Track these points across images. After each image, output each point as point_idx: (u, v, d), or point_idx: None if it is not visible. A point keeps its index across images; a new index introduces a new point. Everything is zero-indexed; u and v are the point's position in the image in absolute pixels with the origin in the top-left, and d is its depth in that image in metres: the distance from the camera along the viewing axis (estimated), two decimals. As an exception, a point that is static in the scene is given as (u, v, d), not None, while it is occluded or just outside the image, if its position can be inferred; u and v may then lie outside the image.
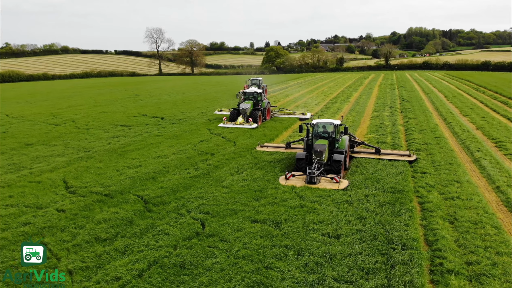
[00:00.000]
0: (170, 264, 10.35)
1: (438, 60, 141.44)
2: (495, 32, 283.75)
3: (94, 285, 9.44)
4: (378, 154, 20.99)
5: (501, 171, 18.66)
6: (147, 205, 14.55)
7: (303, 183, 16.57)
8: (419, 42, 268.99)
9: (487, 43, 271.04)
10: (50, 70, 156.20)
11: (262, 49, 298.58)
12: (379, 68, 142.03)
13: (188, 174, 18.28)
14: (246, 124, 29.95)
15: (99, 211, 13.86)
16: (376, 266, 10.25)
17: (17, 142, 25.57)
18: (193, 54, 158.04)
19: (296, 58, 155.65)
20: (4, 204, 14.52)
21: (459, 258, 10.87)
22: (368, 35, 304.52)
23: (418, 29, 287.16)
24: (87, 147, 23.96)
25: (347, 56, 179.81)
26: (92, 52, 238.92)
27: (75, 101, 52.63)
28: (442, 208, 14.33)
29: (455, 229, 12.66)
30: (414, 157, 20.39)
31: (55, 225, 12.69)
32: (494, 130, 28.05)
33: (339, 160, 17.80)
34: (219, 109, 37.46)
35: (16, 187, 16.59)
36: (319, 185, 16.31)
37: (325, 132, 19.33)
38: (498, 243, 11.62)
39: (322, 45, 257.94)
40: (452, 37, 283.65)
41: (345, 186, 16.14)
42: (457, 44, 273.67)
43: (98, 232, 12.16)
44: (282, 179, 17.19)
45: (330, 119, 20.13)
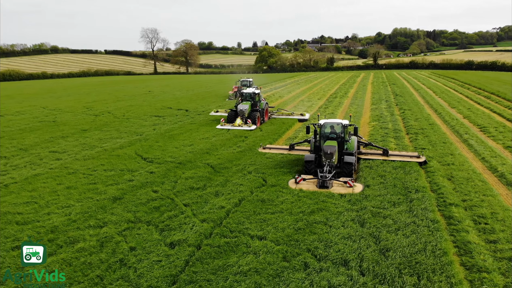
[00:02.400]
0: (254, 200, 14.59)
1: (424, 60, 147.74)
2: (477, 32, 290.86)
3: (209, 210, 13.62)
4: (386, 155, 20.36)
5: (485, 147, 23.16)
6: (214, 168, 18.74)
7: (314, 187, 15.86)
8: (404, 42, 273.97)
9: (470, 43, 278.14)
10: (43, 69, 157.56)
11: (250, 49, 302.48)
12: (368, 67, 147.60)
13: (234, 150, 22.50)
14: (245, 126, 29.18)
15: (181, 173, 18.01)
16: (399, 200, 14.58)
17: (73, 128, 29.49)
18: (188, 54, 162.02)
19: (288, 58, 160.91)
20: (102, 169, 18.60)
21: (456, 197, 15.24)
22: (354, 36, 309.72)
23: (403, 29, 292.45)
24: (137, 132, 28.04)
25: (336, 56, 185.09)
26: (82, 52, 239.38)
27: (96, 96, 56.57)
28: (441, 170, 18.71)
29: (452, 182, 17.04)
30: (423, 158, 19.77)
31: (153, 181, 16.84)
32: (479, 118, 32.71)
33: (350, 162, 17.29)
34: (215, 110, 36.21)
35: (100, 159, 20.62)
36: (331, 190, 15.54)
37: (333, 133, 18.60)
38: (484, 189, 16.00)
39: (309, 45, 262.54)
40: (436, 37, 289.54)
41: (360, 190, 15.53)
42: (441, 44, 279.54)
43: (190, 184, 16.37)
44: (292, 182, 16.43)
45: (338, 119, 19.43)
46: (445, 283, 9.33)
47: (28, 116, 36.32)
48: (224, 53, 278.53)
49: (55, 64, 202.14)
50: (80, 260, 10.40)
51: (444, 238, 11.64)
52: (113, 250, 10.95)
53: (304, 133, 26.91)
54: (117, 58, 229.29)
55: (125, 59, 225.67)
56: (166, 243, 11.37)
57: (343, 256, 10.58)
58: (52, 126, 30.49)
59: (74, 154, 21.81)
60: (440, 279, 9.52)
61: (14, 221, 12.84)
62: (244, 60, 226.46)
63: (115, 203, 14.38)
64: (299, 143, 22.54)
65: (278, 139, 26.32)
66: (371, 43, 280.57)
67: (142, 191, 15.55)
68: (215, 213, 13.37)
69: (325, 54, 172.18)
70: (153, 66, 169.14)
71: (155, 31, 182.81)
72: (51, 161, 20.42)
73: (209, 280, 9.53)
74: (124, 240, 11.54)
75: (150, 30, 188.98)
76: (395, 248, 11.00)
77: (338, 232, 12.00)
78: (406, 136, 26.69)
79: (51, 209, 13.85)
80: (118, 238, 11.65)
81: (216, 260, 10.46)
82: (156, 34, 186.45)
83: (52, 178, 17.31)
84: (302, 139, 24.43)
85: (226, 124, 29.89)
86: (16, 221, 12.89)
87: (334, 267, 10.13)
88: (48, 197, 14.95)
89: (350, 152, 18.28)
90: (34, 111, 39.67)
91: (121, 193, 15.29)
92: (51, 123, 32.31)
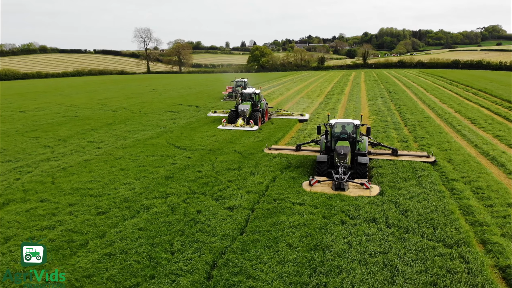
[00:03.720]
0: (285, 178, 17.10)
1: (412, 59, 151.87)
2: (462, 32, 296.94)
3: (250, 185, 16.06)
4: (395, 155, 20.24)
5: (477, 136, 25.96)
6: (242, 154, 21.17)
7: (329, 189, 15.53)
8: (390, 42, 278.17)
9: (455, 43, 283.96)
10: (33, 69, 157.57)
11: (238, 48, 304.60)
12: (357, 66, 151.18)
13: (254, 139, 24.97)
14: (247, 126, 28.85)
15: (214, 158, 20.43)
16: (409, 177, 17.18)
17: (99, 122, 31.66)
18: (180, 53, 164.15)
19: (280, 57, 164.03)
20: (144, 155, 20.93)
21: (456, 175, 17.90)
22: (341, 36, 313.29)
23: (389, 29, 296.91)
24: (159, 125, 30.36)
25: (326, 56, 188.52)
26: (71, 51, 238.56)
27: (106, 94, 58.69)
28: (440, 154, 21.38)
29: (451, 164, 19.70)
30: (433, 158, 19.75)
31: (193, 164, 19.24)
32: (469, 112, 35.65)
33: (364, 163, 16.98)
34: (213, 111, 35.63)
35: (137, 147, 22.91)
36: (348, 192, 15.23)
37: (344, 133, 18.31)
38: (479, 169, 18.69)
39: (297, 45, 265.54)
40: (421, 37, 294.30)
41: (377, 193, 15.22)
42: (426, 44, 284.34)
43: (226, 166, 18.82)
44: (306, 185, 16.09)
45: (350, 119, 19.15)
46: (456, 232, 11.89)
47: (49, 112, 38.31)
48: (213, 53, 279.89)
49: (45, 64, 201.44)
50: (160, 220, 12.78)
51: (450, 202, 14.27)
52: (184, 213, 13.36)
53: (307, 133, 28.24)
54: (107, 57, 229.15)
55: (115, 58, 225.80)
56: (225, 207, 13.82)
57: (371, 216, 13.11)
58: (77, 121, 32.60)
59: (111, 143, 24.06)
60: (451, 229, 12.08)
61: (89, 194, 15.16)
62: (234, 60, 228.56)
63: (168, 181, 16.74)
64: (306, 143, 22.30)
65: (283, 138, 26.67)
66: (358, 43, 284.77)
67: (187, 171, 17.95)
68: (256, 187, 15.84)
69: (313, 54, 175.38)
70: (146, 66, 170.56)
71: (148, 31, 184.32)
72: (93, 149, 22.68)
73: (269, 231, 12.00)
74: (189, 206, 13.96)
75: (143, 30, 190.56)
76: (412, 209, 13.58)
77: (363, 199, 14.56)
78: (405, 128, 29.37)
79: (116, 185, 16.18)
80: (183, 204, 14.05)
81: (269, 218, 12.93)
82: (149, 34, 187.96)
83: (103, 162, 19.59)
84: (302, 139, 25.32)
85: (227, 125, 29.44)
86: (90, 194, 15.20)
87: (365, 223, 12.66)
88: (107, 177, 17.25)
89: (363, 153, 18.04)
90: (52, 108, 41.64)
91: (170, 173, 17.66)
92: (75, 118, 34.37)
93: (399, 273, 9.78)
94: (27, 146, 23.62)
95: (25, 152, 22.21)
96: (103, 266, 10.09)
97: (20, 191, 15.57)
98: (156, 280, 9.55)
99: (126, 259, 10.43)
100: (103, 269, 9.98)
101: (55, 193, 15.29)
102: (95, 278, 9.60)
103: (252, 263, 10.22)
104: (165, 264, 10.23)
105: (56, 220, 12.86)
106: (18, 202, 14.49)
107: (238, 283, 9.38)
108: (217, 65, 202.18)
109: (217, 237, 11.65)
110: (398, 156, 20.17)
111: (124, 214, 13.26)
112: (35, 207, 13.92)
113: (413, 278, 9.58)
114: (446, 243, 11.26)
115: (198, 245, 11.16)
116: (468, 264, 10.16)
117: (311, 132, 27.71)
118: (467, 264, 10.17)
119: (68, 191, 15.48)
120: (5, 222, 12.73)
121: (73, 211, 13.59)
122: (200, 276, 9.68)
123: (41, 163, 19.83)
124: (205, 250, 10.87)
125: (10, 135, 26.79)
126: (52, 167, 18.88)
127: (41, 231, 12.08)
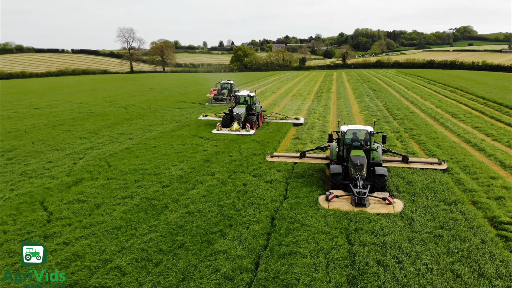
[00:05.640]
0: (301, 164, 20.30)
1: (389, 60, 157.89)
2: (435, 33, 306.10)
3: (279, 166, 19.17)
4: (406, 162, 19.53)
5: (458, 128, 29.73)
6: (260, 143, 24.24)
7: (348, 205, 14.39)
8: (366, 43, 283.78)
9: (428, 43, 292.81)
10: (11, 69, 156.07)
11: (216, 48, 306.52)
12: (337, 67, 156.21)
13: (266, 131, 28.10)
14: (243, 130, 27.74)
15: (237, 146, 23.46)
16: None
17: (117, 118, 34.21)
18: (164, 53, 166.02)
19: (262, 57, 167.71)
20: (176, 144, 23.79)
21: (446, 156, 21.33)
22: (318, 36, 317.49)
23: (364, 30, 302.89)
24: (175, 119, 33.18)
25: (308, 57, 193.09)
26: (48, 51, 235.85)
27: (106, 93, 60.92)
28: (430, 142, 24.92)
29: (440, 149, 23.22)
30: (445, 165, 19.23)
31: (222, 150, 22.24)
32: (450, 108, 39.62)
33: (383, 174, 15.66)
34: (204, 115, 34.59)
35: (165, 138, 25.68)
36: (369, 209, 14.03)
37: (355, 140, 17.23)
38: (464, 152, 22.26)
39: (275, 45, 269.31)
40: (395, 38, 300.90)
41: (401, 209, 14.03)
42: (400, 44, 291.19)
43: (251, 152, 21.91)
44: (322, 200, 14.87)
45: (362, 126, 18.04)
46: (452, 196, 15.24)
47: (62, 109, 40.53)
48: (192, 52, 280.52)
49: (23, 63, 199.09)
50: (216, 190, 15.78)
51: (445, 176, 17.72)
52: (233, 185, 16.40)
53: (304, 137, 27.48)
54: (86, 57, 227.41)
55: (94, 58, 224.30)
56: (265, 181, 16.94)
57: (383, 185, 16.40)
58: (96, 116, 35.05)
59: (140, 135, 26.79)
60: (448, 194, 15.45)
61: (147, 173, 18.00)
62: (214, 60, 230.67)
63: (207, 163, 19.71)
64: (311, 150, 21.35)
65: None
66: (334, 44, 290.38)
67: (221, 156, 20.96)
68: (283, 167, 19.01)
69: (293, 55, 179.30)
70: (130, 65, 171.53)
71: (131, 31, 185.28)
72: (126, 140, 25.38)
73: (307, 196, 15.15)
74: (235, 181, 17.00)
75: (127, 30, 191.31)
76: (415, 181, 16.95)
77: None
78: (394, 121, 32.94)
79: (166, 166, 19.06)
80: (229, 180, 17.08)
81: (304, 188, 16.10)
82: (133, 34, 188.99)
83: (144, 150, 22.39)
84: (302, 141, 25.74)
85: (222, 129, 28.12)
86: (148, 173, 18.05)
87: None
88: (154, 161, 20.08)
89: (378, 162, 16.83)
90: (64, 105, 43.81)
91: (207, 157, 20.62)
92: (91, 114, 36.78)
93: (414, 221, 13.05)
94: (64, 137, 26.15)
95: (66, 142, 24.78)
96: (189, 220, 13.05)
97: (85, 172, 18.29)
98: (234, 228, 12.56)
99: (204, 215, 13.43)
100: (189, 221, 12.94)
101: (118, 173, 18.10)
102: (187, 227, 12.53)
103: (302, 216, 13.34)
104: (236, 217, 13.28)
105: (131, 191, 15.73)
106: (89, 180, 17.24)
107: (296, 228, 12.48)
108: (197, 64, 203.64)
109: (267, 200, 14.75)
110: (409, 163, 19.48)
111: (185, 186, 16.20)
112: (107, 183, 16.71)
113: (425, 224, 12.86)
114: (446, 202, 14.63)
115: (256, 205, 14.24)
116: (465, 215, 13.53)
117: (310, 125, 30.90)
118: (464, 215, 13.53)
119: (128, 171, 18.31)
120: (88, 193, 15.50)
121: (141, 185, 16.46)
122: (266, 224, 12.77)
123: (87, 151, 22.49)
124: (262, 208, 13.96)
125: (41, 129, 29.20)
126: (100, 154, 21.60)
127: (123, 199, 14.92)
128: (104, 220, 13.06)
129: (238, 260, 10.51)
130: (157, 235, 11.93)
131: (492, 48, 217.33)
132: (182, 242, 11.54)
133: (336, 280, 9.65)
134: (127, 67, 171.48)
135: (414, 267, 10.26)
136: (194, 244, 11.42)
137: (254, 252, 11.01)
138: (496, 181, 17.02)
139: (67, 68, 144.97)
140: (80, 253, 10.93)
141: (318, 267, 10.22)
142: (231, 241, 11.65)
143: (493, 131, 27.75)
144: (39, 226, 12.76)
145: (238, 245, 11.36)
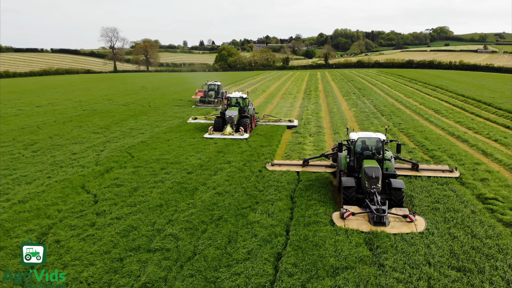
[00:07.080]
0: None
1: (370, 60, 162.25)
2: (412, 33, 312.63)
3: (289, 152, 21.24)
4: (416, 170, 18.49)
5: (442, 122, 32.30)
6: (265, 136, 26.23)
7: (366, 223, 13.01)
8: (345, 43, 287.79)
9: (406, 43, 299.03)
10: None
11: (197, 47, 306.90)
12: (319, 66, 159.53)
13: (267, 125, 30.04)
14: (236, 134, 26.58)
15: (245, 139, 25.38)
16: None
17: (122, 114, 35.76)
18: (148, 52, 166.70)
19: (246, 57, 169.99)
20: (187, 137, 25.60)
21: (434, 147, 23.71)
22: (298, 36, 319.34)
23: (343, 30, 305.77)
24: (177, 116, 34.94)
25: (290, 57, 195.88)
26: (27, 50, 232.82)
27: (101, 91, 62.11)
28: (418, 135, 27.30)
29: (428, 140, 25.57)
30: (457, 173, 18.38)
31: (231, 143, 24.19)
32: (432, 104, 42.36)
33: (400, 188, 14.19)
34: (194, 117, 32.93)
35: (175, 132, 27.42)
36: (389, 229, 12.63)
37: (365, 149, 16.20)
38: (450, 143, 24.71)
39: (256, 45, 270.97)
40: (374, 38, 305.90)
41: (423, 228, 12.71)
42: (379, 44, 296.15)
43: (258, 144, 23.88)
44: (336, 217, 13.42)
45: (373, 133, 16.84)
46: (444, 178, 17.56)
47: (64, 107, 41.80)
48: (173, 52, 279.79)
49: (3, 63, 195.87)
50: (236, 175, 17.74)
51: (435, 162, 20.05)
52: (250, 171, 18.40)
53: (302, 131, 28.83)
54: (66, 57, 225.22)
55: (74, 57, 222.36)
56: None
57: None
58: (100, 113, 36.54)
59: (150, 130, 28.51)
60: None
61: (169, 162, 19.82)
62: (195, 59, 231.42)
63: (221, 154, 21.64)
64: (314, 158, 20.07)
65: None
66: (314, 44, 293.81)
67: (232, 148, 22.89)
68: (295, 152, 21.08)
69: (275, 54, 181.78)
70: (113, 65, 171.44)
71: (114, 30, 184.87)
72: (138, 134, 27.07)
73: (318, 180, 17.23)
74: (250, 168, 18.97)
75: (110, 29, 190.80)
76: (410, 166, 19.23)
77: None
78: (382, 117, 35.34)
79: (185, 156, 20.92)
80: (245, 167, 19.05)
81: (314, 174, 18.17)
82: (116, 33, 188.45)
83: (159, 142, 24.15)
84: (302, 140, 26.12)
85: (214, 133, 26.82)
86: (170, 162, 19.86)
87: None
88: (172, 152, 21.86)
89: (392, 173, 15.39)
90: (64, 103, 45.06)
91: (219, 149, 22.54)
92: (95, 111, 38.22)
93: (414, 197, 15.27)
94: (79, 132, 27.70)
95: (82, 136, 26.36)
96: (220, 199, 14.99)
97: (111, 161, 20.00)
98: (261, 204, 14.55)
99: (232, 195, 15.39)
100: (220, 200, 14.87)
101: (142, 162, 19.88)
102: (220, 204, 14.46)
103: (317, 195, 15.42)
104: (260, 196, 15.30)
105: (160, 177, 17.56)
106: (117, 168, 18.98)
107: (314, 204, 14.54)
108: (178, 64, 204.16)
109: (284, 183, 16.80)
110: (420, 171, 18.51)
111: (208, 173, 18.13)
112: (136, 171, 18.49)
113: (423, 200, 15.07)
114: (439, 183, 16.91)
115: (275, 187, 16.28)
116: (456, 192, 15.82)
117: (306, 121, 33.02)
118: (455, 192, 15.83)
119: (151, 160, 20.11)
120: (123, 179, 17.27)
121: (168, 172, 18.31)
122: (288, 201, 14.83)
123: (105, 144, 24.16)
124: (281, 189, 16.01)
125: (52, 125, 30.63)
126: (119, 146, 23.31)
127: (155, 183, 16.74)
128: (145, 200, 14.89)
129: (271, 228, 12.51)
130: (196, 210, 13.84)
131: (468, 48, 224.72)
132: (220, 215, 13.49)
133: (356, 241, 11.71)
134: (111, 67, 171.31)
135: (418, 230, 12.43)
136: (231, 217, 13.38)
137: (283, 222, 13.05)
138: (480, 166, 19.41)
139: (50, 68, 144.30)
140: (134, 225, 12.75)
141: (339, 232, 12.28)
142: (261, 214, 13.64)
143: (474, 125, 30.38)
144: (89, 206, 14.51)
145: (267, 217, 13.35)
